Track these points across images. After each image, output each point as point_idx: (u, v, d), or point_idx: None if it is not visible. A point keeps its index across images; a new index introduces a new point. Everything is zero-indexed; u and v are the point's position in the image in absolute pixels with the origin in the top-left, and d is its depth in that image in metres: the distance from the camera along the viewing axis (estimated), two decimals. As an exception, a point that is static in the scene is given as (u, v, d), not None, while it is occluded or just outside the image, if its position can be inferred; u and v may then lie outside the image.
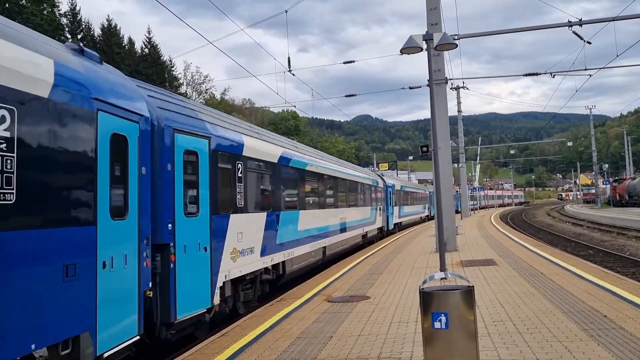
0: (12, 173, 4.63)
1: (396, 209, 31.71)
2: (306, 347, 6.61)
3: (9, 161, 4.61)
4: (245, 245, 9.83)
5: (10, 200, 4.59)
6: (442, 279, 5.47)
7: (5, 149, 4.58)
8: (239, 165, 9.79)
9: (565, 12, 22.92)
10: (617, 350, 5.69)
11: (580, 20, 18.20)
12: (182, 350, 7.67)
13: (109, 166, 6.05)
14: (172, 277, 7.24)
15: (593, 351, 5.71)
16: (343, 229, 18.70)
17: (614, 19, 18.49)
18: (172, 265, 7.25)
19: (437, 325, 4.68)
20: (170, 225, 7.33)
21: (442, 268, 10.40)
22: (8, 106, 4.63)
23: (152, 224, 7.00)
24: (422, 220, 45.91)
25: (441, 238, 10.94)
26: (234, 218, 9.34)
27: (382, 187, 28.12)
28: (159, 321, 7.18)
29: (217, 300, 8.48)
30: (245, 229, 9.86)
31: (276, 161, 12.03)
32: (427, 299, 4.80)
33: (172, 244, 7.29)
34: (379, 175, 30.36)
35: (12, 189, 4.62)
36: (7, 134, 4.61)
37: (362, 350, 6.36)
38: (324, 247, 16.06)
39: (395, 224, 31.43)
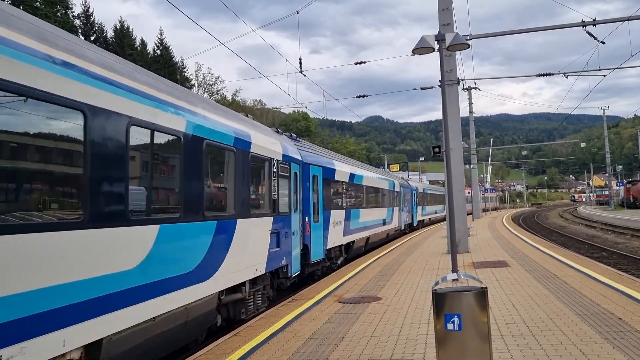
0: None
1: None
2: (318, 348, 6.60)
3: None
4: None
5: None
6: (454, 280, 5.43)
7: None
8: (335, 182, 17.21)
9: (578, 12, 22.81)
10: (633, 353, 5.62)
11: (594, 20, 18.03)
12: (193, 350, 7.69)
13: (293, 182, 12.21)
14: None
15: (608, 354, 5.64)
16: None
17: (628, 19, 18.30)
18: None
19: (450, 326, 4.64)
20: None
21: (455, 269, 10.34)
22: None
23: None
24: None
25: (453, 239, 10.86)
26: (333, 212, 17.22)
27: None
28: None
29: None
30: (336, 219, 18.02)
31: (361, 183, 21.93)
32: (440, 300, 4.77)
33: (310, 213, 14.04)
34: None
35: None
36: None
37: (373, 351, 6.34)
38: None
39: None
